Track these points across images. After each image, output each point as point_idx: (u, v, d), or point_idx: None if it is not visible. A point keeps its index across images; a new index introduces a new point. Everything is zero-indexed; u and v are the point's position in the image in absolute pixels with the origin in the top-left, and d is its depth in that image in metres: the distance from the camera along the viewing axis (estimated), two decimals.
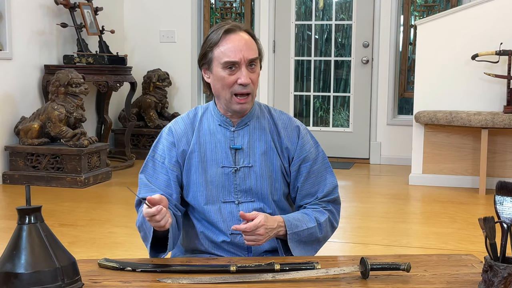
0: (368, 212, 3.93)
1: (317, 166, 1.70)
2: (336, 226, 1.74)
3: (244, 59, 1.57)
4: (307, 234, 1.63)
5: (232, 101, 1.61)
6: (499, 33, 4.54)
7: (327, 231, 1.69)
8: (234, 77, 1.58)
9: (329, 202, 1.71)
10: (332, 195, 1.72)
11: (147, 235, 1.59)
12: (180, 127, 1.69)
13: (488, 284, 1.21)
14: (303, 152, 1.69)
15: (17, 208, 1.20)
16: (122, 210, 3.90)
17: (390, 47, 5.75)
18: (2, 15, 4.67)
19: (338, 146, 5.99)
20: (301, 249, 1.63)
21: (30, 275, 1.13)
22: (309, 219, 1.65)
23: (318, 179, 1.70)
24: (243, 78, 1.57)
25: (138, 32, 6.28)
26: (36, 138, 4.62)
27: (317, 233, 1.65)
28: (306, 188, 1.70)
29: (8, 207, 3.96)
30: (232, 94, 1.60)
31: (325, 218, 1.68)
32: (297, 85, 6.15)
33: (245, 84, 1.58)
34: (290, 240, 1.60)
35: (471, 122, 4.33)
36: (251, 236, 1.52)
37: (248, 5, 6.17)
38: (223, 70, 1.58)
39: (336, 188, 1.73)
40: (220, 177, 1.65)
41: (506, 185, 1.25)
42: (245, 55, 1.58)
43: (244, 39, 1.59)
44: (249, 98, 1.61)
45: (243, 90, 1.59)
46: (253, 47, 1.61)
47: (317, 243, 1.69)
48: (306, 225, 1.63)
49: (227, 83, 1.59)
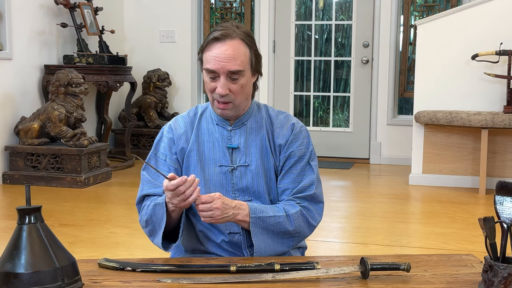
0: (368, 212, 3.93)
1: (302, 164, 1.67)
2: (314, 225, 1.66)
3: (223, 70, 1.57)
4: (273, 222, 1.58)
5: (214, 105, 1.64)
6: (499, 33, 4.54)
7: (299, 225, 1.62)
8: (213, 85, 1.60)
9: (304, 198, 1.65)
10: (307, 191, 1.65)
11: (156, 228, 1.59)
12: (180, 125, 1.71)
13: (488, 284, 1.21)
14: (290, 147, 1.67)
15: (17, 208, 1.20)
16: (122, 210, 3.90)
17: (390, 47, 5.75)
18: (2, 15, 4.67)
19: (338, 146, 5.99)
20: (266, 238, 1.58)
21: (30, 275, 1.13)
22: (277, 209, 1.61)
23: (299, 177, 1.66)
24: (219, 88, 1.58)
25: (138, 32, 6.28)
26: (36, 138, 4.62)
27: (285, 224, 1.59)
28: (285, 183, 1.66)
29: (8, 207, 3.96)
30: (214, 99, 1.63)
31: (295, 210, 1.61)
32: (297, 85, 6.15)
33: (221, 94, 1.59)
34: (252, 225, 1.56)
35: (471, 122, 4.33)
36: (207, 212, 1.50)
37: (248, 5, 6.17)
38: (206, 75, 1.61)
39: (313, 185, 1.66)
40: (218, 176, 1.66)
41: (506, 185, 1.25)
42: (225, 66, 1.56)
43: (231, 50, 1.57)
44: (229, 106, 1.62)
45: (221, 99, 1.60)
46: (238, 59, 1.57)
47: (288, 236, 1.61)
48: (273, 213, 1.59)
49: (208, 88, 1.62)
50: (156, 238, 1.60)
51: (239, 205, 1.57)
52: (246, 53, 1.60)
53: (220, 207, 1.51)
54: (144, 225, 1.65)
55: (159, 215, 1.57)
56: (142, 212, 1.65)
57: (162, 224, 1.56)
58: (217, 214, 1.51)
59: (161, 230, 1.57)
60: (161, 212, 1.56)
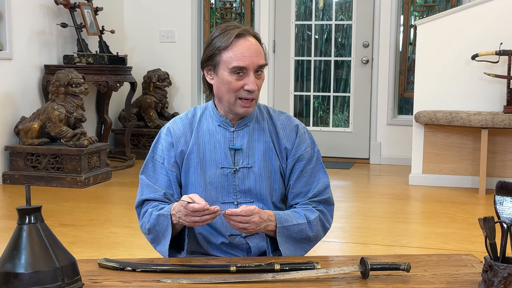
0: (368, 212, 3.93)
1: (311, 165, 1.69)
2: (328, 227, 1.70)
3: (253, 65, 1.57)
4: (297, 230, 1.60)
5: (236, 104, 1.61)
6: (499, 33, 4.54)
7: (318, 230, 1.65)
8: (241, 82, 1.58)
9: (319, 202, 1.68)
10: (323, 195, 1.68)
11: (159, 237, 1.60)
12: (178, 127, 1.69)
13: (488, 284, 1.21)
14: (299, 150, 1.68)
15: (17, 208, 1.19)
16: (122, 210, 3.90)
17: (390, 47, 5.75)
18: (2, 15, 4.67)
19: (338, 146, 5.99)
20: (289, 246, 1.60)
21: (30, 275, 1.13)
22: (298, 216, 1.62)
23: (311, 179, 1.68)
24: (251, 84, 1.57)
25: (138, 32, 6.28)
26: (36, 138, 4.62)
27: (307, 231, 1.62)
28: (298, 187, 1.68)
29: (8, 207, 3.96)
30: (237, 98, 1.60)
31: (315, 216, 1.64)
32: (297, 85, 6.15)
33: (252, 90, 1.58)
34: (279, 234, 1.57)
35: (471, 122, 4.33)
36: (244, 224, 1.49)
37: (248, 5, 6.17)
38: (230, 75, 1.58)
39: (327, 189, 1.70)
40: (219, 178, 1.65)
41: (506, 185, 1.25)
42: (254, 61, 1.57)
43: (254, 45, 1.59)
44: (253, 103, 1.62)
45: (249, 96, 1.59)
46: (261, 52, 1.61)
47: (307, 242, 1.64)
48: (296, 221, 1.60)
49: (233, 88, 1.58)
50: (160, 246, 1.61)
51: (269, 216, 1.57)
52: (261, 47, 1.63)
53: (257, 222, 1.51)
54: (146, 232, 1.65)
55: (163, 226, 1.57)
56: (144, 219, 1.64)
57: (167, 235, 1.56)
58: (252, 227, 1.51)
59: (165, 241, 1.57)
60: (166, 223, 1.56)
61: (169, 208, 1.56)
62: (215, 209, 1.46)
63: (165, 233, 1.57)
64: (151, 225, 1.60)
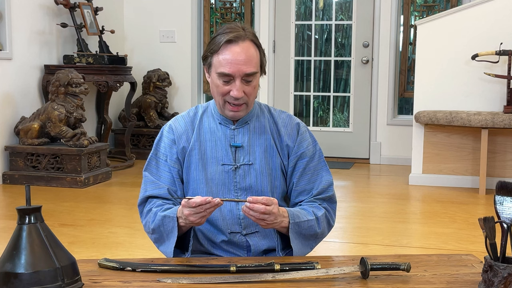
0: (368, 212, 3.93)
1: (314, 163, 1.70)
2: (332, 224, 1.72)
3: (239, 73, 1.56)
4: (307, 226, 1.61)
5: (225, 107, 1.63)
6: (499, 33, 4.54)
7: (324, 227, 1.67)
8: (227, 88, 1.58)
9: (324, 200, 1.70)
10: (326, 193, 1.70)
11: (163, 238, 1.60)
12: (180, 124, 1.71)
13: (488, 284, 1.21)
14: (301, 148, 1.69)
15: (17, 208, 1.20)
16: (122, 210, 3.90)
17: (390, 47, 5.75)
18: (2, 15, 4.67)
19: (338, 146, 5.99)
20: (299, 242, 1.61)
21: (30, 275, 1.13)
22: (307, 212, 1.64)
23: (314, 177, 1.70)
24: (235, 91, 1.57)
25: (138, 32, 6.28)
26: (36, 138, 4.62)
27: (315, 227, 1.63)
28: (302, 185, 1.69)
29: (8, 207, 3.96)
30: (225, 101, 1.61)
31: (322, 213, 1.66)
32: (297, 85, 6.15)
33: (236, 97, 1.58)
34: (291, 231, 1.58)
35: (471, 122, 4.33)
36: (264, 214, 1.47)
37: (248, 5, 6.17)
38: (218, 79, 1.59)
39: (331, 186, 1.71)
40: (220, 175, 1.66)
41: (506, 185, 1.25)
42: (241, 69, 1.56)
43: (245, 52, 1.57)
44: (242, 107, 1.62)
45: (235, 102, 1.60)
46: (253, 60, 1.58)
47: (315, 238, 1.66)
48: (306, 217, 1.61)
49: (221, 92, 1.60)
50: (163, 247, 1.62)
51: (283, 212, 1.57)
52: (257, 54, 1.61)
53: (276, 213, 1.50)
54: (149, 231, 1.65)
55: (168, 227, 1.57)
56: (148, 218, 1.64)
57: (172, 237, 1.57)
58: (271, 219, 1.50)
59: (169, 242, 1.58)
60: (171, 226, 1.57)
61: (174, 211, 1.57)
62: (216, 201, 1.47)
63: (170, 235, 1.58)
64: (155, 225, 1.61)
